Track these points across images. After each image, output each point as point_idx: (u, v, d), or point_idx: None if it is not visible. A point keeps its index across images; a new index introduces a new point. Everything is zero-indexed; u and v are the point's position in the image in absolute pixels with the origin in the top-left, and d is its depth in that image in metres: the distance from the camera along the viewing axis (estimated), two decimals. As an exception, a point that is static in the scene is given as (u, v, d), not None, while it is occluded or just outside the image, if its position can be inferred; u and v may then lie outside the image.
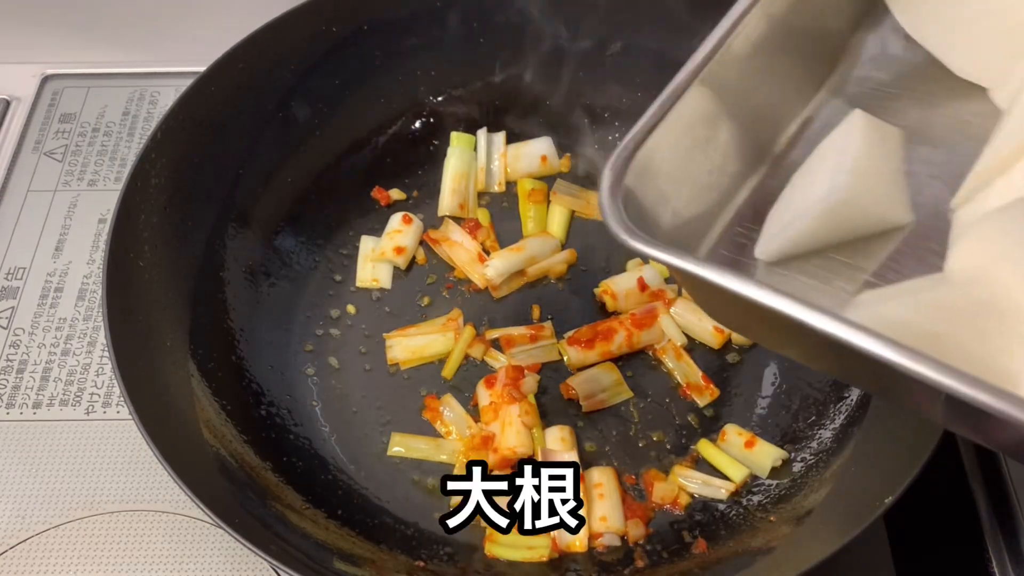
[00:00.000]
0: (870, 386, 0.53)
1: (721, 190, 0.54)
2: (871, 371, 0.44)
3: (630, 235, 0.45)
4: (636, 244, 0.44)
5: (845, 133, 0.53)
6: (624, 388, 0.69)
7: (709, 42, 0.51)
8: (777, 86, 0.55)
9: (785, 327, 0.43)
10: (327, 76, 0.76)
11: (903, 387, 0.45)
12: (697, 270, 0.43)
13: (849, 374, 0.51)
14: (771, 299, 0.41)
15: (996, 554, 0.64)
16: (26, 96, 0.90)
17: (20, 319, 0.76)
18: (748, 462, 0.65)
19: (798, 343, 0.49)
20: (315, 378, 0.70)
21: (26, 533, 0.66)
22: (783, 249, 0.51)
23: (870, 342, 0.39)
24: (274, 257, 0.74)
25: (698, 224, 0.53)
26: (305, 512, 0.62)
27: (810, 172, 0.53)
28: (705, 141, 0.53)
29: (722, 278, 0.42)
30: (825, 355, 0.48)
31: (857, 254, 0.51)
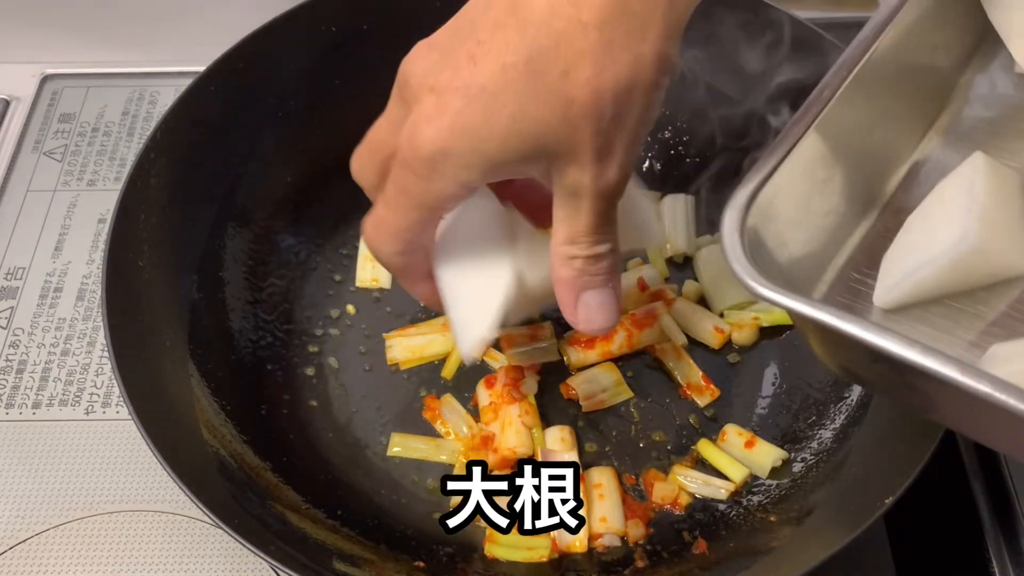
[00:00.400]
0: (1004, 445, 0.52)
1: (835, 233, 0.53)
2: (1002, 424, 0.43)
3: (757, 282, 0.43)
4: (767, 292, 0.43)
5: (967, 176, 0.51)
6: (624, 388, 0.69)
7: (828, 84, 0.50)
8: (889, 127, 0.55)
9: (913, 378, 0.41)
10: (327, 76, 0.75)
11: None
12: (844, 326, 0.42)
13: (984, 431, 0.49)
14: (921, 357, 0.40)
15: (996, 554, 0.64)
16: (26, 96, 0.90)
17: (19, 319, 0.76)
18: (748, 462, 0.65)
19: (929, 395, 0.47)
20: (315, 378, 0.70)
21: (26, 533, 0.66)
22: (906, 297, 0.50)
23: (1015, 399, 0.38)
24: (274, 257, 0.74)
25: (813, 269, 0.52)
26: (305, 512, 0.62)
27: (930, 216, 0.51)
28: (823, 183, 0.52)
29: (864, 331, 0.41)
30: (962, 411, 0.46)
31: (978, 303, 0.50)
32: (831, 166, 0.52)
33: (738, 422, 0.67)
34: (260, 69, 0.73)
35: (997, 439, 0.49)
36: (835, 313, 0.42)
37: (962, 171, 0.51)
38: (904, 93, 0.56)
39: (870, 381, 0.52)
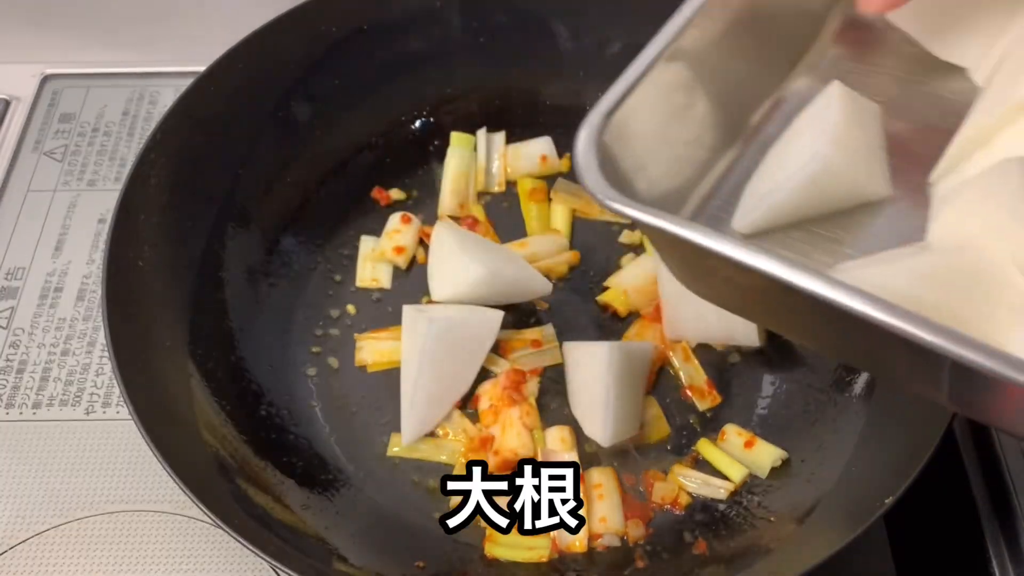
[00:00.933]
0: (854, 355, 0.52)
1: (697, 162, 0.53)
2: (857, 335, 0.43)
3: (607, 193, 0.44)
4: (614, 204, 0.43)
5: (823, 105, 0.52)
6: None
7: (686, 9, 0.50)
8: (753, 61, 0.55)
9: (768, 291, 0.41)
10: (327, 76, 0.75)
11: (887, 350, 0.43)
12: (679, 230, 0.42)
13: (831, 341, 0.50)
14: (755, 259, 0.40)
15: (996, 554, 0.64)
16: (26, 96, 0.90)
17: (20, 319, 0.76)
18: (748, 462, 0.65)
19: (782, 308, 0.47)
20: (315, 378, 0.70)
21: (26, 533, 0.66)
22: (762, 220, 0.50)
23: (857, 300, 0.38)
24: (274, 257, 0.74)
25: (673, 195, 0.52)
26: (305, 512, 0.61)
27: (788, 144, 0.52)
28: (682, 110, 0.52)
29: (706, 238, 0.41)
30: (809, 321, 0.47)
31: (837, 228, 0.50)
32: (690, 93, 0.52)
33: (738, 422, 0.67)
34: (260, 69, 0.73)
35: (846, 349, 0.50)
36: (674, 220, 0.42)
37: (820, 100, 0.52)
38: (768, 28, 0.56)
39: (737, 304, 0.52)
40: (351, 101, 0.77)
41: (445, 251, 0.71)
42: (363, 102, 0.78)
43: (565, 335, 0.71)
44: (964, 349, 0.37)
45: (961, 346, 0.37)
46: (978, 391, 0.42)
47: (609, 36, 0.78)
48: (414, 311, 0.69)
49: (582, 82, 0.79)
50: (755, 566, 0.58)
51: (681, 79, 0.51)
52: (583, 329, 0.72)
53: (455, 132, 0.79)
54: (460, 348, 0.67)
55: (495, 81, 0.80)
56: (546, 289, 0.71)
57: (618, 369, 0.64)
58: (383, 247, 0.75)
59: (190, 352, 0.65)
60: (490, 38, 0.78)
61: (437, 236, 0.72)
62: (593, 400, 0.65)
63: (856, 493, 0.58)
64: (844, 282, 0.39)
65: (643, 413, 0.67)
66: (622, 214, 0.43)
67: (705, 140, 0.54)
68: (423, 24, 0.77)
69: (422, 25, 0.77)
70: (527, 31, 0.78)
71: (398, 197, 0.78)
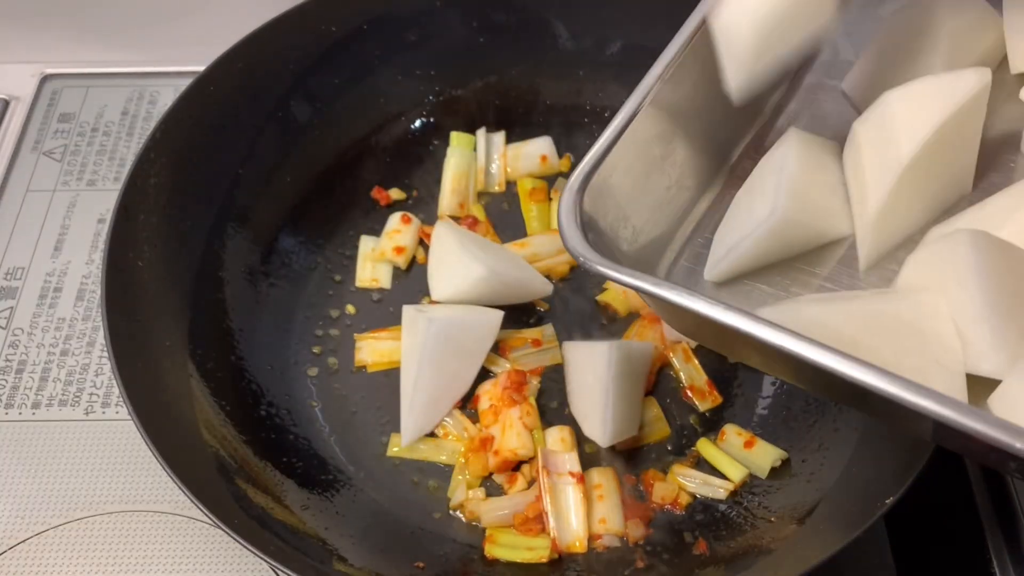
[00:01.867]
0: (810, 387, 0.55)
1: (680, 205, 0.57)
2: (788, 368, 0.47)
3: (588, 257, 0.47)
4: (595, 266, 0.46)
5: (781, 153, 0.54)
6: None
7: (660, 63, 0.53)
8: (727, 104, 0.56)
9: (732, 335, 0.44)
10: (327, 76, 0.75)
11: (825, 384, 0.47)
12: (652, 288, 0.45)
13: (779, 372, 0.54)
14: (687, 301, 0.44)
15: (997, 554, 0.64)
16: (25, 96, 0.90)
17: (19, 319, 0.76)
18: (747, 462, 0.65)
19: (743, 347, 0.51)
20: (315, 378, 0.70)
21: (26, 533, 0.65)
22: (731, 270, 0.54)
23: (768, 333, 0.42)
24: (274, 257, 0.74)
25: (659, 239, 0.56)
26: (305, 512, 0.61)
27: (750, 192, 0.55)
28: (661, 159, 0.55)
29: (672, 293, 0.44)
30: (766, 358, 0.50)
31: (815, 261, 0.54)
32: (668, 142, 0.55)
33: (738, 422, 0.67)
34: (260, 69, 0.73)
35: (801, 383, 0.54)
36: (646, 279, 0.45)
37: (777, 147, 0.55)
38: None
39: (712, 343, 0.57)
40: (351, 101, 0.77)
41: (445, 251, 0.71)
42: (363, 102, 0.78)
43: (565, 335, 0.71)
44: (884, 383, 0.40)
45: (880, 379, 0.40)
46: (897, 422, 0.47)
47: (609, 36, 0.78)
48: (414, 311, 0.69)
49: (582, 82, 0.79)
50: (755, 566, 0.58)
51: (658, 131, 0.54)
52: (583, 329, 0.72)
53: (455, 132, 0.79)
54: (460, 348, 0.67)
55: (495, 81, 0.80)
56: (546, 290, 0.71)
57: (618, 369, 0.64)
58: (383, 247, 0.75)
59: (190, 352, 0.65)
60: (490, 38, 0.78)
61: (437, 236, 0.72)
62: (593, 400, 0.65)
63: (856, 493, 0.58)
64: (765, 319, 0.42)
65: (643, 413, 0.67)
66: (603, 276, 0.46)
67: (685, 183, 0.57)
68: (423, 24, 0.77)
69: (422, 25, 0.77)
70: (527, 31, 0.78)
71: (398, 197, 0.78)
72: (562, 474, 0.63)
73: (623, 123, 0.51)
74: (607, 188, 0.51)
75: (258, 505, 0.59)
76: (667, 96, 0.53)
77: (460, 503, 0.64)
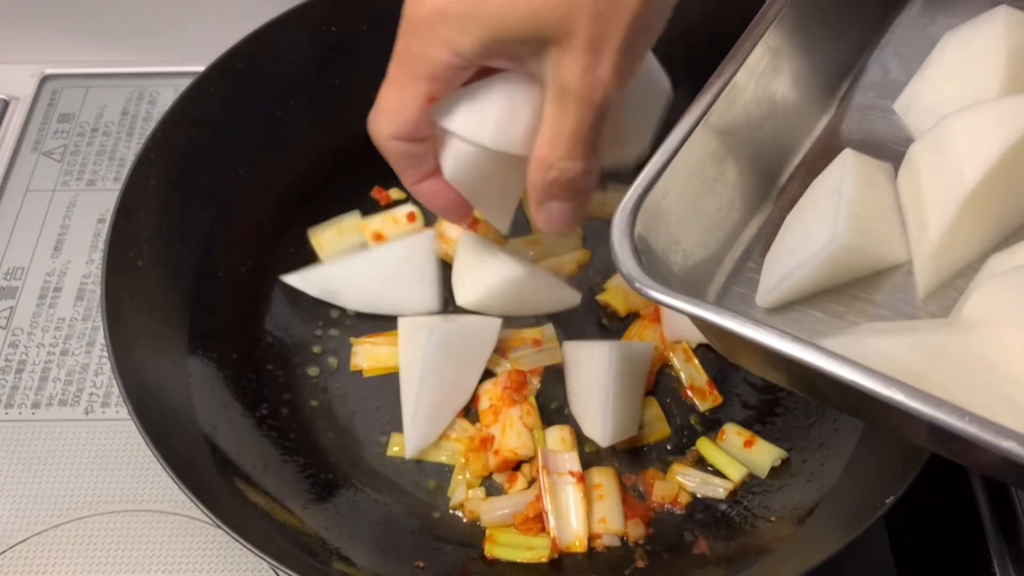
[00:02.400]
0: (864, 416, 0.54)
1: (729, 227, 0.55)
2: (852, 400, 0.46)
3: (644, 284, 0.46)
4: (650, 292, 0.45)
5: (837, 175, 0.53)
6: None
7: (714, 83, 0.52)
8: (781, 119, 0.56)
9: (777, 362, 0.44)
10: (327, 76, 0.75)
11: (885, 415, 0.45)
12: (706, 314, 0.44)
13: (838, 403, 0.52)
14: (752, 332, 0.43)
15: (998, 554, 0.64)
16: (25, 96, 0.90)
17: (19, 319, 0.76)
18: (747, 462, 0.65)
19: (797, 378, 0.50)
20: (314, 378, 0.70)
21: (26, 533, 0.65)
22: (785, 297, 0.52)
23: (837, 367, 0.41)
24: (274, 257, 0.74)
25: (709, 262, 0.54)
26: (305, 512, 0.61)
27: (804, 216, 0.54)
28: (713, 180, 0.54)
29: (726, 319, 0.44)
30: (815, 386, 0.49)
31: (867, 287, 0.52)
32: (721, 162, 0.54)
33: (738, 422, 0.67)
34: (260, 69, 0.73)
35: (856, 411, 0.52)
36: (701, 305, 0.45)
37: (832, 169, 0.53)
38: (797, 84, 0.57)
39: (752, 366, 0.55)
40: (351, 101, 0.76)
41: (474, 255, 0.70)
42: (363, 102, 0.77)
43: (565, 334, 0.71)
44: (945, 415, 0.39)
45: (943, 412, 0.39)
46: (966, 456, 0.45)
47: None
48: (411, 322, 0.68)
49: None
50: (755, 566, 0.58)
51: (711, 151, 0.53)
52: (583, 329, 0.71)
53: None
54: (460, 357, 0.67)
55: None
56: (574, 300, 0.70)
57: (618, 369, 0.64)
58: (371, 225, 0.74)
59: (190, 352, 0.65)
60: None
61: (464, 243, 0.71)
62: (592, 400, 0.65)
63: (856, 493, 0.58)
64: (836, 353, 0.41)
65: (643, 413, 0.67)
66: (659, 302, 0.46)
67: (735, 204, 0.55)
68: (423, 24, 0.77)
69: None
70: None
71: (398, 197, 0.78)
72: (562, 473, 0.63)
73: (677, 143, 0.50)
74: (660, 210, 0.50)
75: (258, 505, 0.59)
76: (720, 116, 0.52)
77: (460, 503, 0.64)
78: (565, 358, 0.69)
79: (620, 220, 0.48)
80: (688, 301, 0.45)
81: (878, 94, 0.60)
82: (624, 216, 0.48)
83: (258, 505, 0.59)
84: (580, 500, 0.62)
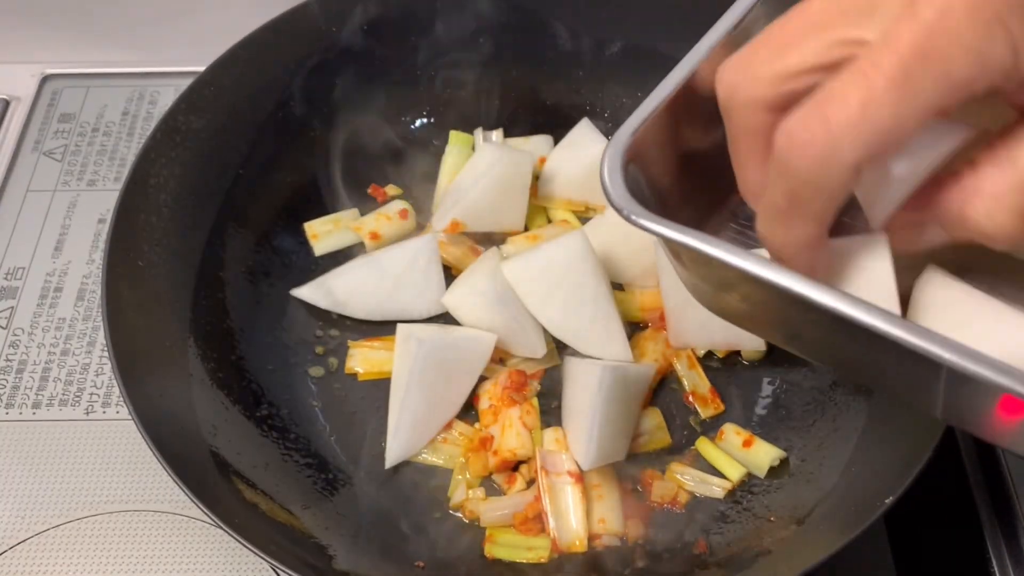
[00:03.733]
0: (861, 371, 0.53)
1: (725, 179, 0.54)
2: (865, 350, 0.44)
3: (633, 210, 0.44)
4: (642, 220, 0.44)
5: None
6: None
7: (717, 29, 0.50)
8: None
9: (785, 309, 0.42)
10: (327, 76, 0.75)
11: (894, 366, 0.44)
12: (708, 248, 0.42)
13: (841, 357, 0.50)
14: (777, 274, 0.40)
15: (997, 555, 0.64)
16: (25, 96, 0.90)
17: (19, 319, 0.76)
18: (746, 462, 0.64)
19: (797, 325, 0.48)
20: (315, 378, 0.70)
21: (26, 533, 0.66)
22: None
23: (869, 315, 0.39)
24: (274, 257, 0.74)
25: (698, 214, 0.53)
26: (305, 512, 0.61)
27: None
28: (710, 124, 0.52)
29: (731, 255, 0.41)
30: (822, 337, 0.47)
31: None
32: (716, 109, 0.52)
33: (737, 422, 0.67)
34: (260, 69, 0.73)
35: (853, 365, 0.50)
36: (702, 237, 0.42)
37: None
38: None
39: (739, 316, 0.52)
40: (351, 101, 0.77)
41: (479, 271, 0.69)
42: (363, 102, 0.78)
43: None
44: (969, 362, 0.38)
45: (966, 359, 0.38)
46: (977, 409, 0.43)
47: (609, 36, 0.78)
48: (407, 329, 0.67)
49: (582, 82, 0.79)
50: (755, 566, 0.58)
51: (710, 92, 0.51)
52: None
53: (454, 131, 0.79)
54: (450, 372, 0.66)
55: (495, 81, 0.80)
56: (536, 352, 0.68)
57: (609, 394, 0.62)
58: (366, 224, 0.74)
59: (191, 352, 0.65)
60: (490, 38, 0.78)
61: (484, 258, 0.71)
62: (580, 421, 0.63)
63: (856, 493, 0.58)
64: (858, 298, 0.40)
65: (643, 423, 0.66)
66: (648, 230, 0.44)
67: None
68: (423, 24, 0.77)
69: (422, 25, 0.77)
70: (527, 31, 0.78)
71: (394, 193, 0.78)
72: (560, 474, 0.63)
73: (678, 81, 0.48)
74: (653, 148, 0.48)
75: (258, 505, 0.59)
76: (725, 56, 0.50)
77: (460, 503, 0.64)
78: (564, 370, 0.68)
79: (612, 153, 0.46)
80: (678, 229, 0.43)
81: None
82: (617, 147, 0.46)
83: (258, 505, 0.59)
84: (579, 500, 0.62)
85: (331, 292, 0.71)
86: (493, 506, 0.63)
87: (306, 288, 0.72)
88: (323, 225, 0.75)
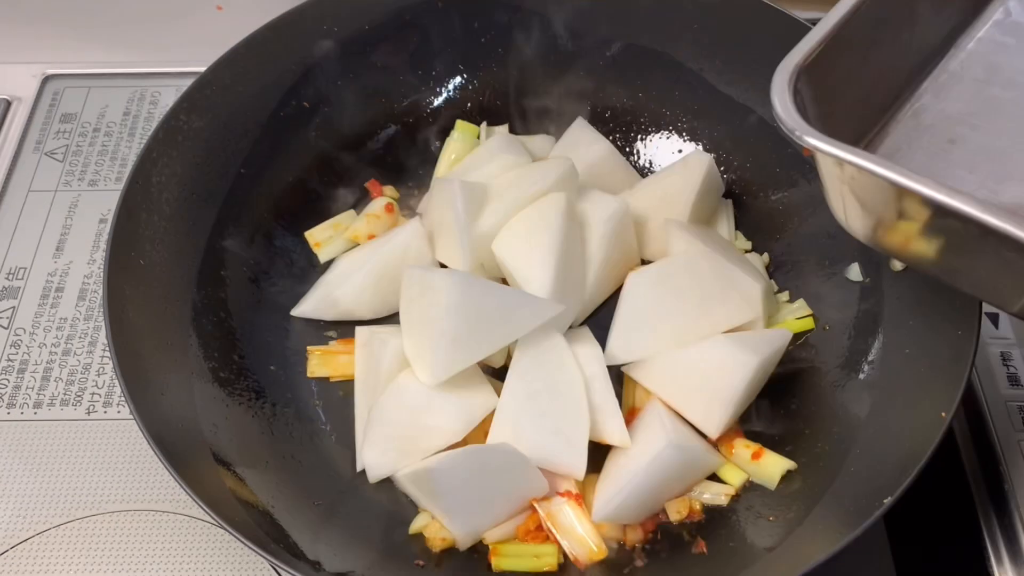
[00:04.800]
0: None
1: (884, 100, 0.57)
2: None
3: (805, 130, 0.46)
4: (813, 140, 0.46)
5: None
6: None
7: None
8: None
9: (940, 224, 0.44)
10: (327, 76, 0.76)
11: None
12: (867, 164, 0.45)
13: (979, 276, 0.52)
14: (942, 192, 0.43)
15: (995, 554, 0.64)
16: (27, 96, 0.90)
17: (21, 319, 0.76)
18: (756, 474, 0.64)
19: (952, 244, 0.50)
20: (316, 378, 0.70)
21: (26, 533, 0.66)
22: None
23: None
24: (274, 257, 0.74)
25: (856, 132, 0.55)
26: (306, 512, 0.61)
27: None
28: (872, 50, 0.55)
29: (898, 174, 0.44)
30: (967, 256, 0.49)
31: None
32: (880, 37, 0.54)
33: (739, 422, 0.67)
34: (260, 70, 0.73)
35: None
36: (872, 158, 0.45)
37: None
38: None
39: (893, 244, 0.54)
40: (352, 101, 0.77)
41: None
42: (364, 102, 0.78)
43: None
44: None
45: None
46: None
47: (609, 36, 0.78)
48: (368, 332, 0.67)
49: (582, 82, 0.79)
50: (755, 566, 0.58)
51: (874, 22, 0.53)
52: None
53: (460, 121, 0.79)
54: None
55: (495, 81, 0.80)
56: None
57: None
58: (357, 228, 0.74)
59: (191, 351, 0.65)
60: (491, 38, 0.78)
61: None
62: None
63: (856, 493, 0.58)
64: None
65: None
66: (818, 150, 0.46)
67: (893, 79, 0.56)
68: (424, 24, 0.77)
69: (423, 26, 0.77)
70: (528, 31, 0.78)
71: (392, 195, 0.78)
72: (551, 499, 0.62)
73: (846, 11, 0.51)
74: (819, 73, 0.51)
75: (258, 504, 0.59)
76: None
77: (420, 528, 0.63)
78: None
79: (781, 77, 0.49)
80: (848, 149, 0.45)
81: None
82: (786, 72, 0.49)
83: (258, 504, 0.59)
84: (580, 515, 0.61)
85: (336, 303, 0.71)
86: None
87: (307, 304, 0.71)
88: (323, 232, 0.75)
